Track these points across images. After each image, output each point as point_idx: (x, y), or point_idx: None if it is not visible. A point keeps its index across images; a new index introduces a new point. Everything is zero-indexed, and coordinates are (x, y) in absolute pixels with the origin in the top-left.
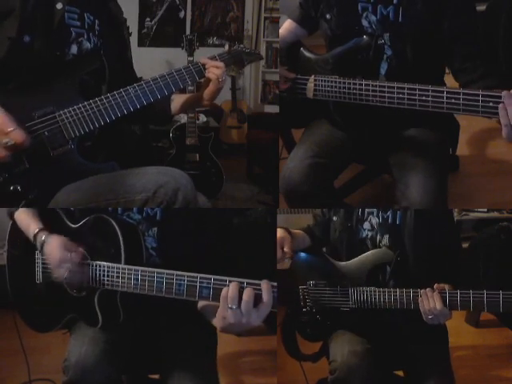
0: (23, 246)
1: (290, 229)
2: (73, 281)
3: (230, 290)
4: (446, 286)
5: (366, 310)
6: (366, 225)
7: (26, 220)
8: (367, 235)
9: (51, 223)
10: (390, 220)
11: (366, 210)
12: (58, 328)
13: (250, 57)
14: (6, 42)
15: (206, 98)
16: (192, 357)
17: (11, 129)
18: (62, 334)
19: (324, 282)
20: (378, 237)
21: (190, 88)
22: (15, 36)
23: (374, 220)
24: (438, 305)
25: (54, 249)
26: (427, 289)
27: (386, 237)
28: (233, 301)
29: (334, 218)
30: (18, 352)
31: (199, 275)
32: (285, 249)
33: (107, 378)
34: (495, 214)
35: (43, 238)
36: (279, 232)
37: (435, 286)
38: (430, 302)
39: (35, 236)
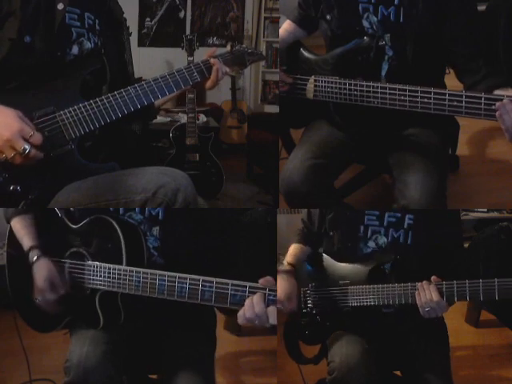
0: (22, 247)
1: (291, 265)
2: (46, 307)
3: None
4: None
5: (365, 311)
6: (371, 243)
7: (20, 233)
8: (372, 251)
9: (51, 224)
10: (401, 239)
11: (371, 228)
12: (58, 328)
13: (252, 57)
14: (7, 42)
15: (208, 88)
16: (191, 357)
17: (31, 133)
18: (63, 334)
19: (324, 283)
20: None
21: None
22: (16, 37)
23: (382, 240)
24: (435, 296)
25: (40, 275)
26: (423, 281)
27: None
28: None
29: (331, 233)
30: (19, 352)
31: (201, 278)
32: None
33: (109, 378)
34: (495, 214)
35: (34, 258)
36: (282, 287)
37: (432, 278)
38: (426, 293)
39: (27, 253)
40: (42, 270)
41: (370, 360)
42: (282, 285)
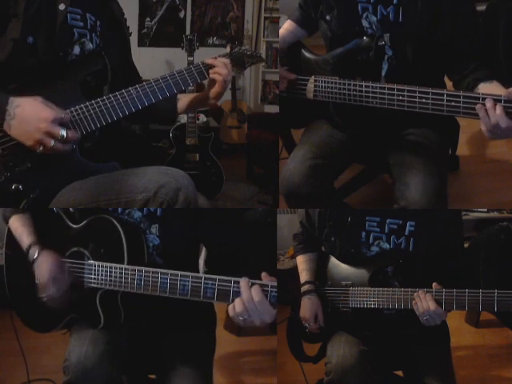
0: (21, 246)
1: (309, 282)
2: (53, 302)
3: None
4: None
5: (366, 312)
6: (374, 248)
7: (19, 231)
8: (376, 254)
9: (52, 224)
10: (403, 245)
11: (372, 233)
12: (58, 328)
13: (251, 59)
14: (10, 43)
15: (212, 97)
16: (190, 356)
17: (63, 116)
18: (62, 334)
19: (328, 283)
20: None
21: (190, 88)
22: (19, 37)
23: (385, 245)
24: (432, 305)
25: (43, 270)
26: (419, 291)
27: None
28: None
29: (332, 239)
30: (18, 352)
31: (204, 275)
32: (320, 323)
33: (108, 378)
34: (495, 214)
35: (35, 255)
36: (307, 308)
37: (433, 285)
38: (423, 303)
39: (27, 251)
40: (44, 264)
41: (366, 361)
42: (307, 305)
